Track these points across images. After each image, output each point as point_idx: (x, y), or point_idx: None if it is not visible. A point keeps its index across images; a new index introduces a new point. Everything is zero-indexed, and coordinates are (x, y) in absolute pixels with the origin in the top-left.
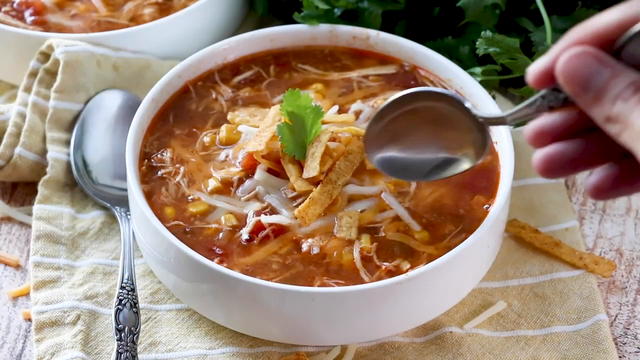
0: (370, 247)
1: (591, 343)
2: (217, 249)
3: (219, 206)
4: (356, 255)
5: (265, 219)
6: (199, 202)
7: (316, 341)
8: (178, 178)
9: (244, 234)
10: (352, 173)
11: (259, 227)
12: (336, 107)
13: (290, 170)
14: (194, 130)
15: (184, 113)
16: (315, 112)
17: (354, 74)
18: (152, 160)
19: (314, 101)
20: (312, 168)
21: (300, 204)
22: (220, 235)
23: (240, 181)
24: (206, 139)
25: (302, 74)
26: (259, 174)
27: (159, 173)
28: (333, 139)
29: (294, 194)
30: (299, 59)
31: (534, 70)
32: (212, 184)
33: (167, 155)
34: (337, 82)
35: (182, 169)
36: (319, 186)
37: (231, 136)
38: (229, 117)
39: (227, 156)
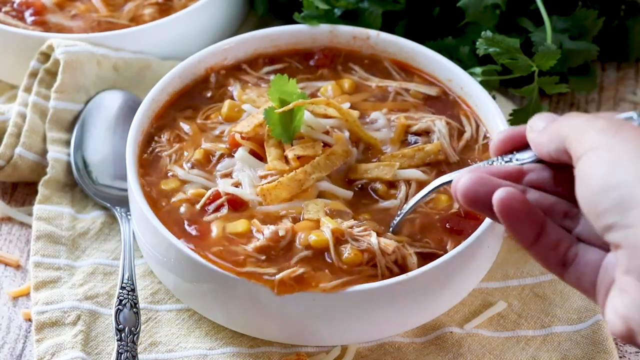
0: (343, 229)
1: (591, 343)
2: (190, 228)
3: (193, 181)
4: (327, 233)
5: (223, 188)
6: (172, 179)
7: (316, 341)
8: (167, 152)
9: (199, 203)
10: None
11: (216, 196)
12: (348, 104)
13: (271, 151)
14: (202, 105)
15: (200, 96)
16: (300, 98)
17: (394, 84)
18: (153, 141)
19: (329, 92)
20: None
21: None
22: (182, 208)
23: (222, 157)
24: (209, 112)
25: (335, 72)
26: (240, 153)
27: (156, 150)
28: (327, 132)
29: (266, 173)
30: (347, 59)
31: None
32: (197, 155)
33: (165, 137)
34: (372, 88)
35: (175, 145)
36: (291, 173)
37: (232, 113)
38: (235, 93)
39: (222, 132)
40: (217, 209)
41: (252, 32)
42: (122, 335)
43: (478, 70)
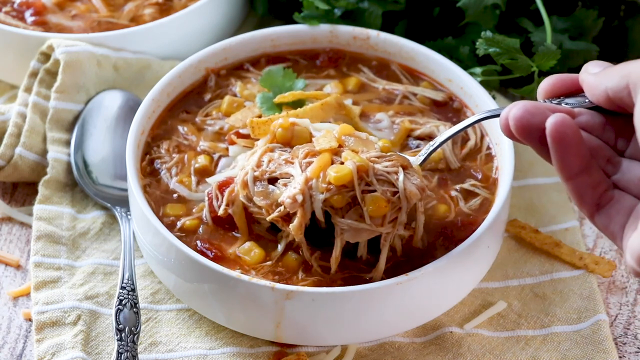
0: (368, 167)
1: (591, 343)
2: (209, 251)
3: (200, 198)
4: (352, 166)
5: (212, 179)
6: (177, 204)
7: (316, 341)
8: (168, 165)
9: (206, 217)
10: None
11: (212, 196)
12: (350, 100)
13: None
14: (200, 108)
15: (198, 100)
16: (300, 89)
17: (400, 88)
18: (153, 151)
19: (330, 88)
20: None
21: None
22: (200, 229)
23: (220, 158)
24: (209, 109)
25: (341, 73)
26: (233, 150)
27: (156, 164)
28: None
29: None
30: (353, 61)
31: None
32: (201, 161)
33: (164, 147)
34: (378, 90)
35: (175, 156)
36: (282, 114)
37: (231, 109)
38: (237, 89)
39: (221, 128)
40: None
41: (252, 32)
42: (122, 335)
43: (478, 70)
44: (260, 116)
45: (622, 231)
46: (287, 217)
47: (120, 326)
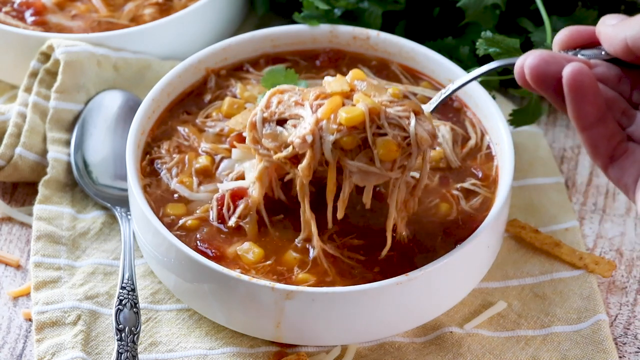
0: (380, 109)
1: (591, 343)
2: (209, 251)
3: (201, 199)
4: (364, 107)
5: (223, 186)
6: (178, 204)
7: (316, 341)
8: (168, 165)
9: (213, 221)
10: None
11: (222, 203)
12: None
13: None
14: (200, 109)
15: (198, 100)
16: (300, 85)
17: (400, 87)
18: (153, 151)
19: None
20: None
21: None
22: (204, 230)
23: (222, 160)
24: (210, 110)
25: (341, 73)
26: (235, 153)
27: (156, 164)
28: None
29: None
30: (352, 61)
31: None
32: (201, 161)
33: (164, 147)
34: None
35: (175, 157)
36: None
37: (231, 110)
38: (237, 90)
39: (222, 129)
40: (233, 211)
41: (252, 32)
42: (122, 335)
43: None
44: None
45: (635, 184)
46: (295, 160)
47: (120, 326)
